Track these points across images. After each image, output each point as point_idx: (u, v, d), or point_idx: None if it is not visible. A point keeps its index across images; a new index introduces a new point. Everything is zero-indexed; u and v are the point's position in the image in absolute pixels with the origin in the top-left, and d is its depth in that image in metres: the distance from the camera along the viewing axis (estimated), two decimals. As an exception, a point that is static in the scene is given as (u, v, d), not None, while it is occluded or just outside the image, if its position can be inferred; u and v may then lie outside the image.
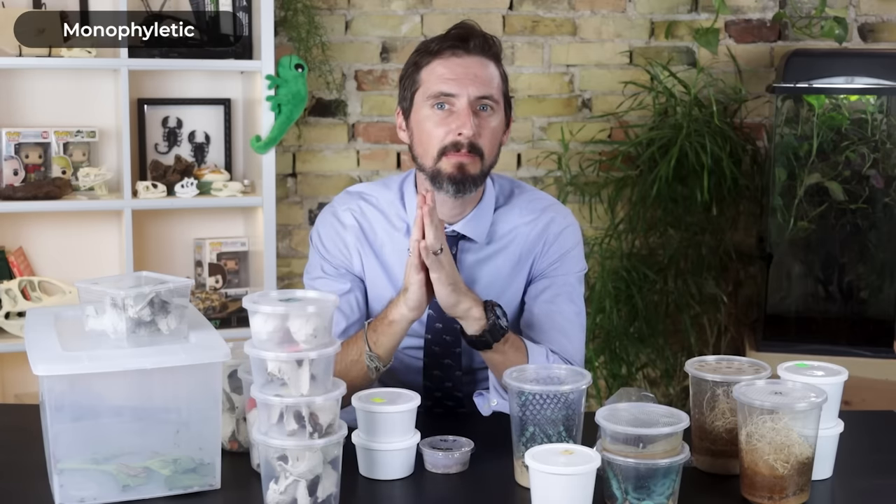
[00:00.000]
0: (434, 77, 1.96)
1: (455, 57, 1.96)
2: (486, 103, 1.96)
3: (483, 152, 1.96)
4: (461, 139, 1.93)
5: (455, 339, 2.04)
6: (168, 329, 1.64)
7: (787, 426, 1.55)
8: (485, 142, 1.96)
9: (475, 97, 1.94)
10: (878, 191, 3.30)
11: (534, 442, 1.61)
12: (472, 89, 1.94)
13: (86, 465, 1.57)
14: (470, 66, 1.96)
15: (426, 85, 1.97)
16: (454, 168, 1.94)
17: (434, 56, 1.98)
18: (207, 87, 3.42)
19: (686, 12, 3.72)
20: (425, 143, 1.98)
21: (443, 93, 1.95)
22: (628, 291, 3.53)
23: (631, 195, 3.60)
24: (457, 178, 1.95)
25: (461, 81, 1.94)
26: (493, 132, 1.97)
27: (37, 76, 3.26)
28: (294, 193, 3.58)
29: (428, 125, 1.97)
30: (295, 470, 1.50)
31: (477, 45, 1.97)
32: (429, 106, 1.96)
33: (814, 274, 3.43)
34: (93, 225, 3.33)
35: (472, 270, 2.05)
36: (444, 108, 1.95)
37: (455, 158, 1.94)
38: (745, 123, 3.68)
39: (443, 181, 1.96)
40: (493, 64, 1.99)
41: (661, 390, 3.70)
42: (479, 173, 1.97)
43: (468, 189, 1.97)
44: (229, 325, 3.27)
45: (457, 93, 1.94)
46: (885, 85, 3.25)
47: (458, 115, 1.94)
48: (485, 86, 1.95)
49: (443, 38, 1.99)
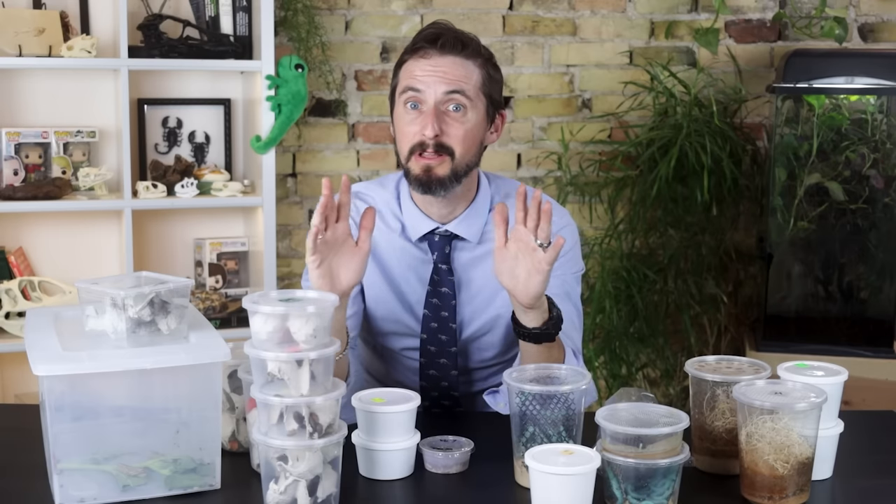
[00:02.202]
0: (406, 74, 1.98)
1: (426, 56, 1.97)
2: (457, 102, 1.95)
3: (453, 151, 1.95)
4: (426, 139, 1.94)
5: (451, 338, 2.05)
6: (168, 329, 1.64)
7: (787, 426, 1.55)
8: (454, 141, 1.95)
9: (443, 94, 1.94)
10: (878, 191, 3.30)
11: (534, 442, 1.61)
12: (439, 87, 1.94)
13: (86, 465, 1.57)
14: (440, 65, 1.95)
15: (401, 83, 1.99)
16: (420, 170, 1.95)
17: (410, 54, 1.99)
18: (207, 88, 3.42)
19: (686, 12, 3.72)
20: (400, 141, 2.00)
21: (411, 88, 1.96)
22: (628, 291, 3.53)
23: (631, 195, 3.60)
24: (422, 179, 1.95)
25: (427, 80, 1.95)
26: (466, 132, 1.96)
27: (37, 76, 3.25)
28: (294, 193, 3.58)
29: (401, 124, 1.99)
30: (295, 470, 1.50)
31: (447, 44, 1.96)
32: (402, 104, 1.98)
33: (814, 274, 3.43)
34: (93, 225, 3.33)
35: (467, 270, 2.04)
36: (416, 107, 1.96)
37: (422, 160, 1.95)
38: (745, 123, 3.68)
39: (412, 181, 1.98)
40: (471, 62, 1.98)
41: (661, 390, 3.70)
42: (450, 174, 1.95)
43: (436, 190, 1.96)
44: (229, 325, 3.27)
45: (423, 89, 1.95)
46: (885, 85, 3.25)
47: (424, 116, 1.95)
48: (454, 82, 1.95)
49: (419, 38, 1.99)
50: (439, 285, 2.04)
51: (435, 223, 2.04)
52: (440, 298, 2.04)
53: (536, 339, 1.85)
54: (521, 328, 1.85)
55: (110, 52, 3.21)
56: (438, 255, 2.04)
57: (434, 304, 2.04)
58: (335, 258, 1.79)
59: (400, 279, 2.06)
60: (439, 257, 2.04)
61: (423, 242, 2.05)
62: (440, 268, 2.04)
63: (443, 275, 2.04)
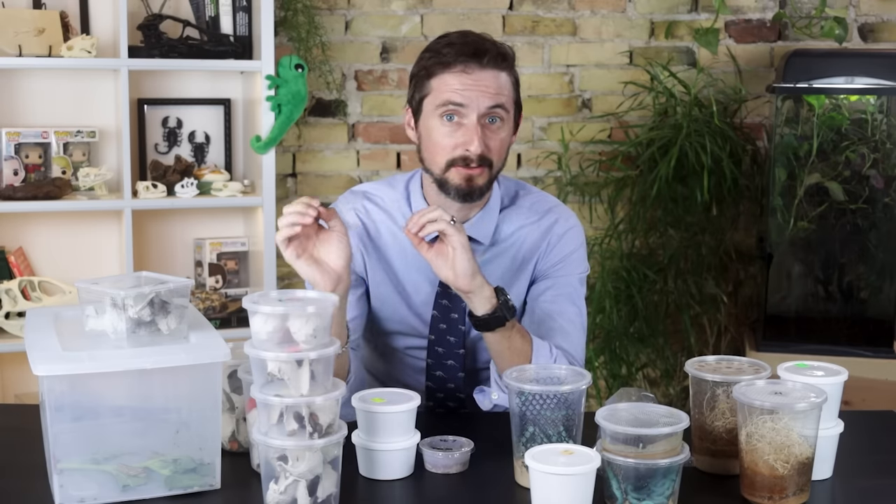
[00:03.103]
0: (444, 87, 1.95)
1: (467, 71, 1.94)
2: (495, 115, 1.95)
3: (493, 163, 1.96)
4: (470, 154, 1.93)
5: (459, 339, 2.04)
6: (168, 329, 1.64)
7: (787, 426, 1.55)
8: (494, 154, 1.96)
9: (485, 109, 1.94)
10: (878, 191, 3.30)
11: (534, 442, 1.61)
12: (482, 102, 1.93)
13: (86, 465, 1.57)
14: (482, 80, 1.94)
15: (436, 94, 1.96)
16: (462, 180, 1.95)
17: (446, 68, 1.95)
18: (207, 88, 3.42)
19: (686, 12, 3.72)
20: (433, 151, 1.97)
21: (452, 103, 1.93)
22: (628, 291, 3.53)
23: (631, 195, 3.60)
24: (464, 190, 1.96)
25: (471, 95, 1.93)
26: (501, 142, 1.97)
27: (37, 76, 3.25)
28: (294, 193, 3.58)
29: (436, 135, 1.96)
30: (295, 470, 1.50)
31: (491, 60, 1.95)
32: (438, 115, 1.95)
33: (814, 274, 3.43)
34: (93, 225, 3.33)
35: None
36: (452, 119, 1.94)
37: (464, 171, 1.95)
38: (745, 123, 3.68)
39: (450, 191, 1.97)
40: (505, 73, 1.97)
41: (661, 390, 3.70)
42: (487, 182, 1.98)
43: (475, 198, 1.98)
44: (229, 325, 3.27)
45: (467, 104, 1.93)
46: (885, 85, 3.25)
47: (466, 130, 1.93)
48: (495, 97, 1.94)
49: (457, 51, 1.95)
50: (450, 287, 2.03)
51: None
52: (450, 300, 2.03)
53: (488, 325, 1.87)
54: (474, 318, 1.88)
55: (110, 52, 3.21)
56: None
57: (444, 306, 2.04)
58: (316, 247, 1.81)
59: (406, 280, 2.06)
60: None
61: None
62: None
63: None
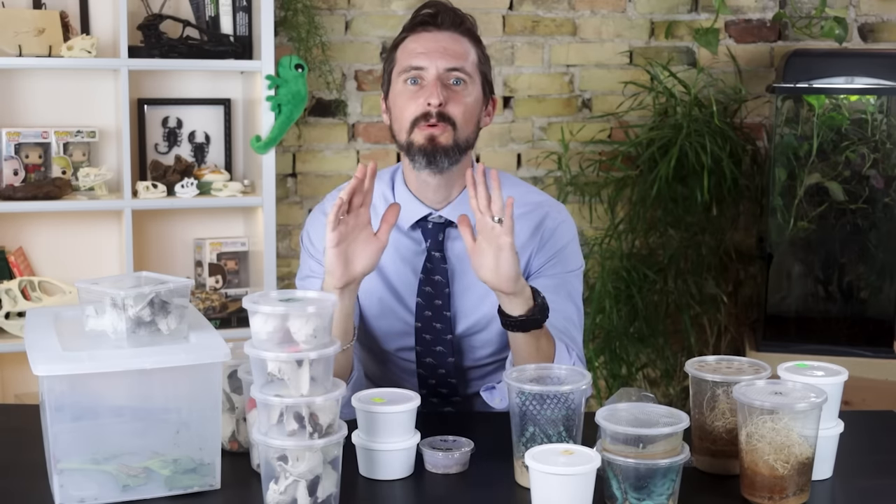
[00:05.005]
0: (405, 53, 2.00)
1: (426, 32, 2.00)
2: (458, 76, 1.97)
3: (455, 122, 1.96)
4: (430, 109, 1.95)
5: (446, 326, 2.04)
6: (168, 329, 1.64)
7: (787, 426, 1.55)
8: (456, 112, 1.96)
9: (444, 69, 1.96)
10: (878, 191, 3.30)
11: (534, 442, 1.61)
12: (440, 62, 1.96)
13: (86, 465, 1.57)
14: (440, 41, 1.98)
15: (399, 62, 2.01)
16: (425, 139, 1.96)
17: (407, 33, 2.02)
18: (207, 88, 3.42)
19: (686, 12, 3.72)
20: (399, 118, 2.00)
21: (413, 66, 1.98)
22: (628, 291, 3.53)
23: (631, 195, 3.60)
24: (427, 148, 1.96)
25: (430, 55, 1.97)
26: (466, 105, 1.98)
27: (37, 76, 3.25)
28: (294, 193, 3.58)
29: (400, 100, 1.99)
30: (295, 470, 1.50)
31: (447, 20, 2.00)
32: (402, 81, 1.99)
33: (814, 274, 3.43)
34: (93, 225, 3.33)
35: (461, 260, 2.02)
36: (416, 82, 1.98)
37: (426, 130, 1.95)
38: (745, 123, 3.68)
39: (415, 153, 1.97)
40: (466, 40, 2.01)
41: (661, 390, 3.70)
42: (452, 144, 1.96)
43: (440, 161, 1.96)
44: (229, 325, 3.27)
45: (426, 65, 1.97)
46: (885, 85, 3.25)
47: (426, 88, 1.96)
48: (455, 59, 1.97)
49: (417, 20, 2.02)
50: (432, 273, 2.03)
51: (429, 209, 2.03)
52: (433, 287, 2.03)
53: (523, 326, 1.85)
54: (507, 318, 1.85)
55: (110, 52, 3.21)
56: (432, 243, 2.03)
57: (427, 293, 2.04)
58: (353, 243, 1.81)
59: (392, 271, 2.05)
60: (432, 245, 2.03)
61: (416, 231, 2.04)
62: (433, 255, 2.03)
63: (436, 262, 2.03)
